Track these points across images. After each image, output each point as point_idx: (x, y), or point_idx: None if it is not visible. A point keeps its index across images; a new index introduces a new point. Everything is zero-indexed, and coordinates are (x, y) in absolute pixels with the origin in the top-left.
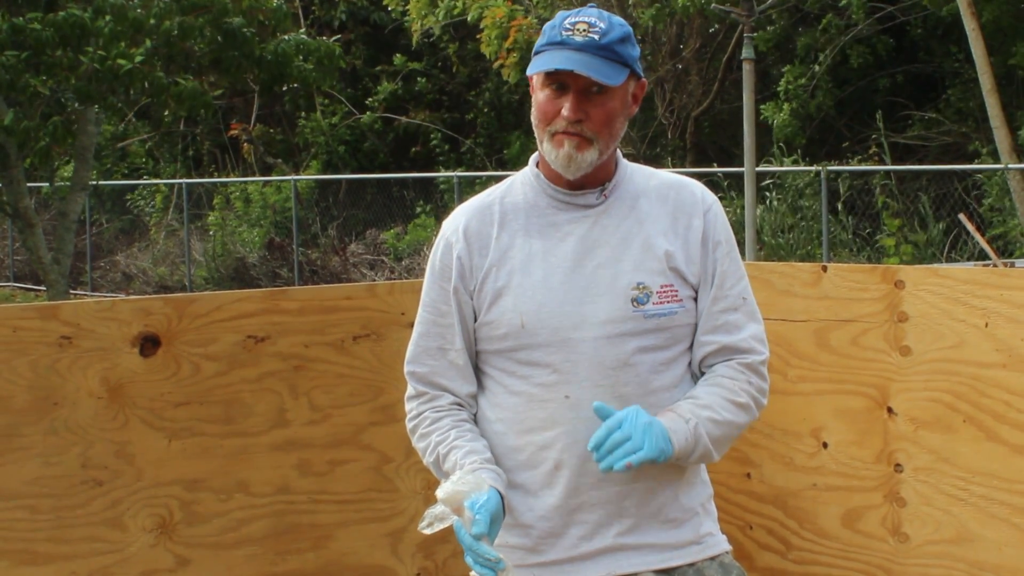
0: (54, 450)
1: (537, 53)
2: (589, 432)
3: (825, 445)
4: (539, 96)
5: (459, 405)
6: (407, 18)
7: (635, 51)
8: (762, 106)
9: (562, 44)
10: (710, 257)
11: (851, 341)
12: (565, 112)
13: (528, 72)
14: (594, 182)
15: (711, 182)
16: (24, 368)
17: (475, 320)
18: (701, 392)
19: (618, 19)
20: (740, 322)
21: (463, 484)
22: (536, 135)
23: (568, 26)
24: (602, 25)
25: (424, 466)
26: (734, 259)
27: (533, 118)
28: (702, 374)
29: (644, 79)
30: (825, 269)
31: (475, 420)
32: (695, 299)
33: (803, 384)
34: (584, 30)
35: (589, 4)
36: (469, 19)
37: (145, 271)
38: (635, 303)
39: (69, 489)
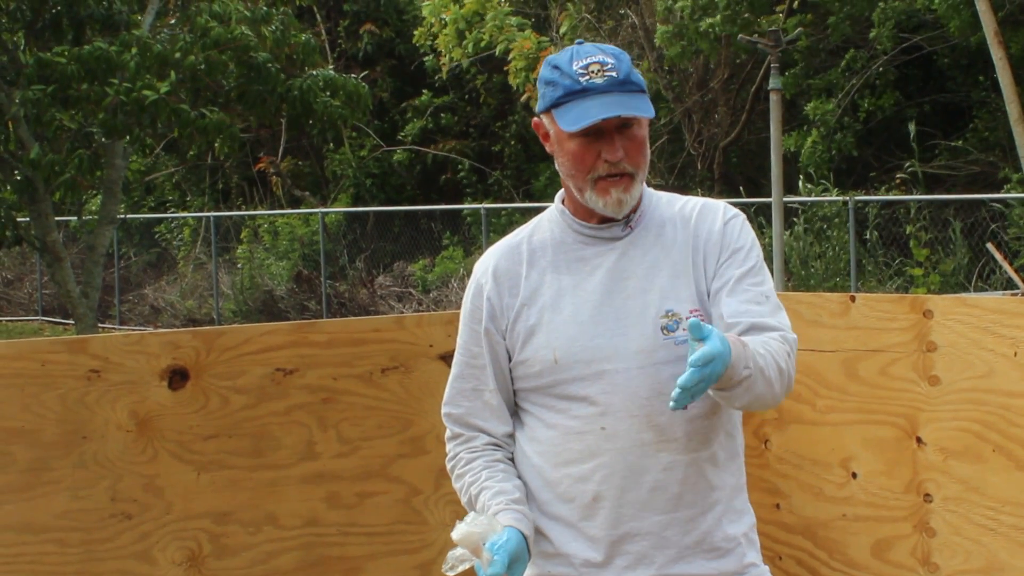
0: (83, 483)
1: (557, 105)
2: (627, 463)
3: (854, 475)
4: (570, 146)
5: (495, 446)
6: (428, 58)
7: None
8: (785, 136)
9: (585, 91)
10: (727, 260)
11: (880, 371)
12: (607, 156)
13: (566, 128)
14: None
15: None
16: (53, 402)
17: (510, 360)
18: (751, 338)
19: (616, 48)
20: (765, 312)
21: (476, 525)
22: (572, 185)
23: (581, 71)
24: (612, 61)
25: (454, 498)
26: (756, 260)
27: (565, 168)
28: None
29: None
30: (853, 299)
31: (512, 459)
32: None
33: (832, 415)
34: (598, 71)
35: (577, 40)
36: (497, 52)
37: (173, 304)
38: (665, 331)
39: (98, 522)
